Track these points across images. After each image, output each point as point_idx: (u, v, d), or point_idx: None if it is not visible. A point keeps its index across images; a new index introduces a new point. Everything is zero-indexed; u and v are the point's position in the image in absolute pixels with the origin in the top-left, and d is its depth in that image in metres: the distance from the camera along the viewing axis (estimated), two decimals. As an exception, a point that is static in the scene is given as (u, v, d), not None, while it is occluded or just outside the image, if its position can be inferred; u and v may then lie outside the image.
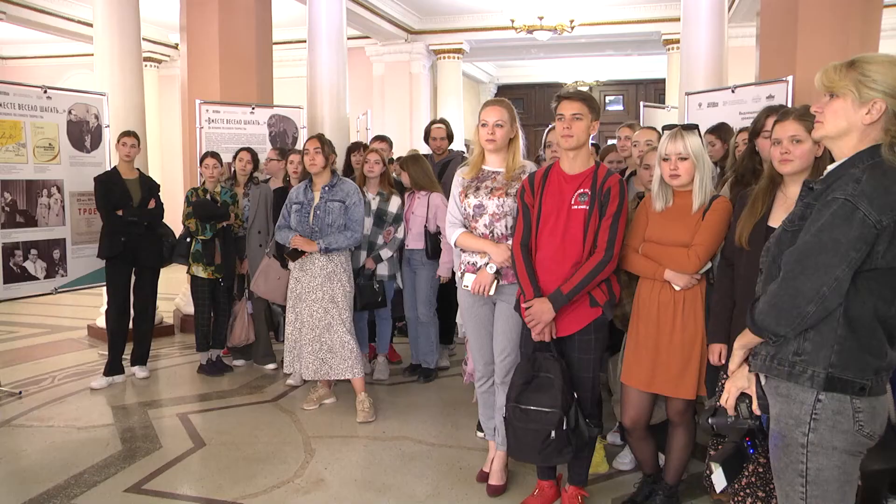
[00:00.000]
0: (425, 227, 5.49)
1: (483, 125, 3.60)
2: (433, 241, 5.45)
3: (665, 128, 3.36)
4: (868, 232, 1.85)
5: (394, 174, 5.93)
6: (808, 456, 1.97)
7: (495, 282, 3.54)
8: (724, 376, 3.13)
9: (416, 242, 5.57)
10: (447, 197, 4.15)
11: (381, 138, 6.74)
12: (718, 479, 2.17)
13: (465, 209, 3.66)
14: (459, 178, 3.74)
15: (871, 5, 6.25)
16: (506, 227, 3.55)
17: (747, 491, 2.96)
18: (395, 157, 6.72)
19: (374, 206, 5.53)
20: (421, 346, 5.82)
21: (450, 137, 6.33)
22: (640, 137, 4.54)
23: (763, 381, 2.09)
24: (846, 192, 1.87)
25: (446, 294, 5.62)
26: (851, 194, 1.86)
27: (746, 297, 2.77)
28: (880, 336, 1.93)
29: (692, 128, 3.25)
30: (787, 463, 2.01)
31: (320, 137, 4.97)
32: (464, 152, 7.56)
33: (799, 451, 1.98)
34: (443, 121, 6.53)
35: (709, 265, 3.19)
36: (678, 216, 3.24)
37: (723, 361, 3.11)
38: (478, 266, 3.60)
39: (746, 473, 2.94)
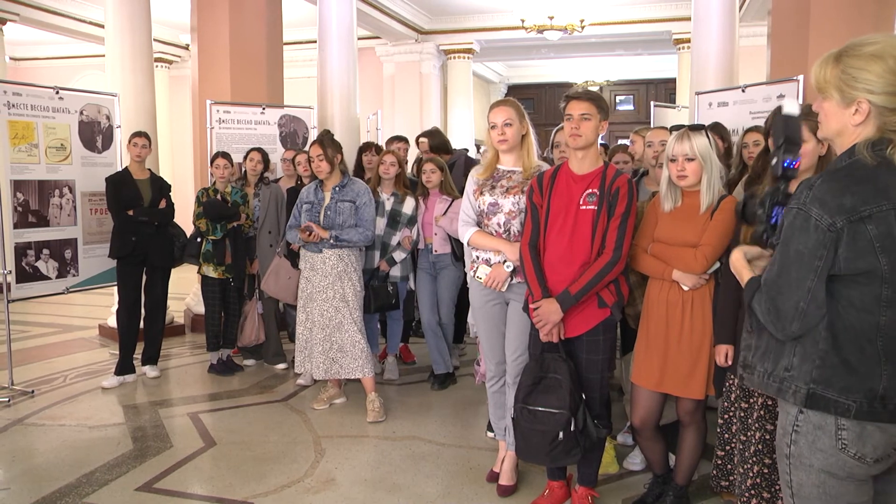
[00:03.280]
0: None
1: (492, 127, 3.60)
2: (460, 244, 5.41)
3: (672, 128, 3.34)
4: (824, 237, 1.77)
5: (411, 175, 5.92)
6: (791, 468, 1.91)
7: (509, 279, 3.55)
8: (732, 377, 3.13)
9: (443, 247, 5.51)
10: None
11: (399, 138, 6.71)
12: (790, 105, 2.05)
13: (479, 206, 3.66)
14: (473, 178, 3.74)
15: (883, 3, 6.22)
16: (521, 224, 3.55)
17: (752, 492, 2.95)
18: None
19: (388, 206, 5.53)
20: (443, 350, 5.68)
21: (434, 148, 6.23)
22: (654, 137, 4.53)
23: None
24: (799, 200, 1.81)
25: (459, 295, 5.62)
26: (803, 202, 1.80)
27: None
28: (870, 354, 1.79)
29: (699, 128, 3.24)
30: (781, 471, 1.97)
31: (321, 142, 4.94)
32: (467, 150, 7.56)
33: (785, 461, 1.93)
34: (430, 133, 6.47)
35: (717, 265, 3.18)
36: (687, 216, 3.23)
37: (730, 362, 3.10)
38: (492, 262, 3.61)
39: (752, 474, 2.93)
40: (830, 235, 1.77)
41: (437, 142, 6.22)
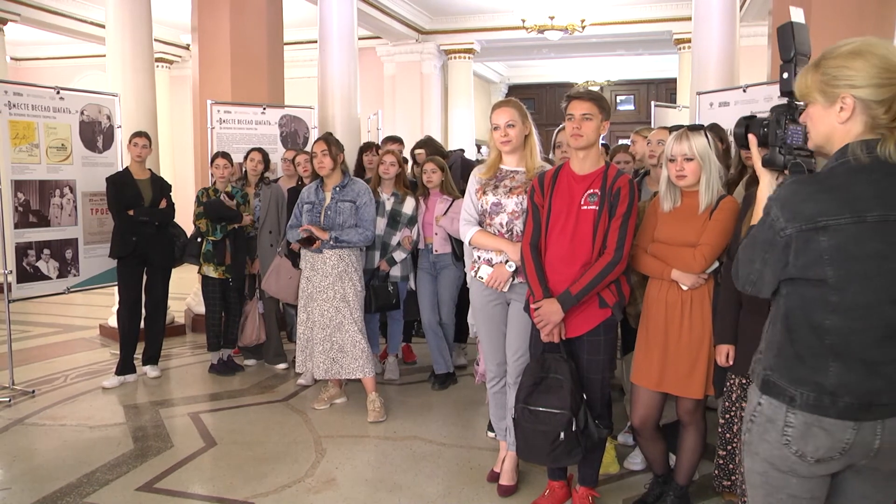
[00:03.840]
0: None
1: (495, 128, 3.60)
2: (461, 244, 5.39)
3: (672, 129, 3.35)
4: (773, 238, 1.80)
5: (410, 175, 5.92)
6: (745, 454, 1.98)
7: (510, 279, 3.55)
8: (733, 377, 3.13)
9: (443, 247, 5.50)
10: None
11: (394, 139, 6.72)
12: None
13: (481, 206, 3.66)
14: (476, 177, 3.74)
15: (883, 3, 6.22)
16: (524, 224, 3.55)
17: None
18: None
19: (388, 206, 5.52)
20: (443, 350, 5.68)
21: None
22: (655, 137, 4.53)
23: None
24: (773, 192, 1.85)
25: (459, 294, 5.61)
26: (771, 196, 1.84)
27: (752, 297, 2.76)
28: (817, 350, 1.81)
29: (698, 129, 3.24)
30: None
31: (326, 138, 4.97)
32: (463, 151, 7.56)
33: (743, 447, 1.99)
34: (425, 143, 6.48)
35: (716, 264, 3.19)
36: (686, 216, 3.23)
37: (730, 362, 3.10)
38: (493, 262, 3.61)
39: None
40: (779, 240, 1.79)
41: (432, 150, 6.22)
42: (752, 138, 2.07)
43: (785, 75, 1.95)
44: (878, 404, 1.77)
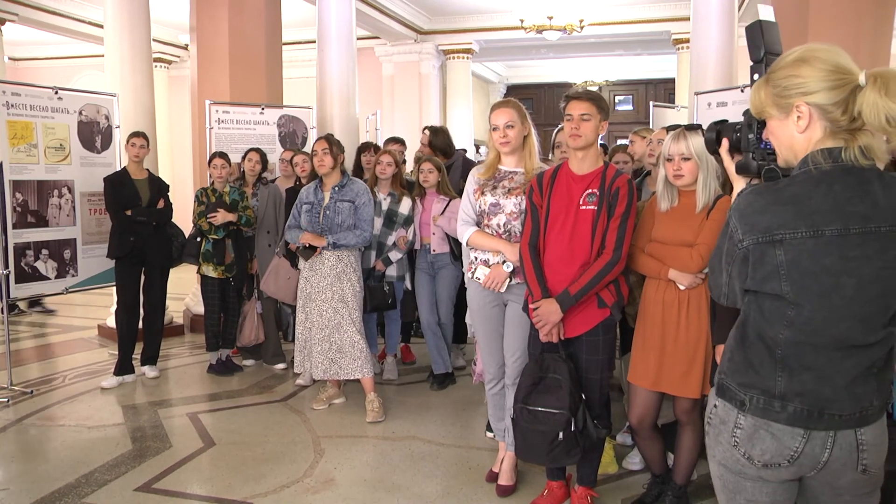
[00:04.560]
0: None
1: (494, 129, 3.59)
2: (459, 244, 5.38)
3: (669, 128, 3.35)
4: (734, 248, 1.80)
5: (408, 175, 5.91)
6: (707, 457, 1.98)
7: (508, 279, 3.55)
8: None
9: (441, 247, 5.49)
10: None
11: (395, 140, 6.72)
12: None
13: (479, 206, 3.66)
14: (474, 178, 3.74)
15: (882, 3, 6.22)
16: (522, 225, 3.55)
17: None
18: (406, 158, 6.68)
19: (384, 206, 5.52)
20: (442, 350, 5.67)
21: (435, 147, 6.14)
22: (655, 137, 4.55)
23: None
24: (733, 202, 1.83)
25: (458, 295, 5.61)
26: (732, 206, 1.82)
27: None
28: (765, 358, 1.80)
29: (695, 128, 3.24)
30: None
31: (328, 138, 4.99)
32: (465, 151, 7.55)
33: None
34: (434, 129, 6.40)
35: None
36: (683, 216, 3.24)
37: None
38: (491, 263, 3.60)
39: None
40: (738, 252, 1.79)
41: (439, 140, 6.10)
42: (724, 143, 2.03)
43: (756, 76, 1.91)
44: (831, 413, 1.76)
